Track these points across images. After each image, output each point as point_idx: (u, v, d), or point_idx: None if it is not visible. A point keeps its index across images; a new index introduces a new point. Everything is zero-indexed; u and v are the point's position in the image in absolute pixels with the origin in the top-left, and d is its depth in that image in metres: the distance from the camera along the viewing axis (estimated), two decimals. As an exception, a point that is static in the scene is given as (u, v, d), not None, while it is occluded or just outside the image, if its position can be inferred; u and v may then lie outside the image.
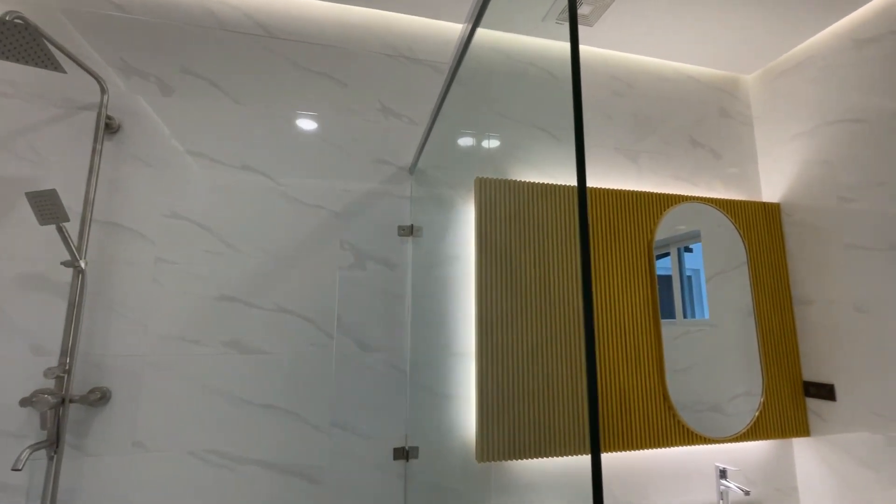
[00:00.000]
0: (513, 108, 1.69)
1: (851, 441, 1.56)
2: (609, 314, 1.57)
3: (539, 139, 1.70)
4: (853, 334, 1.57)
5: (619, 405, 1.52)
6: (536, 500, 1.45)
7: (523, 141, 1.68)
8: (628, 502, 1.53)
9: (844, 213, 1.61)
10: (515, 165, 1.66)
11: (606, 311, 1.57)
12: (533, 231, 1.54)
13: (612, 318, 1.57)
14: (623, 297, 1.60)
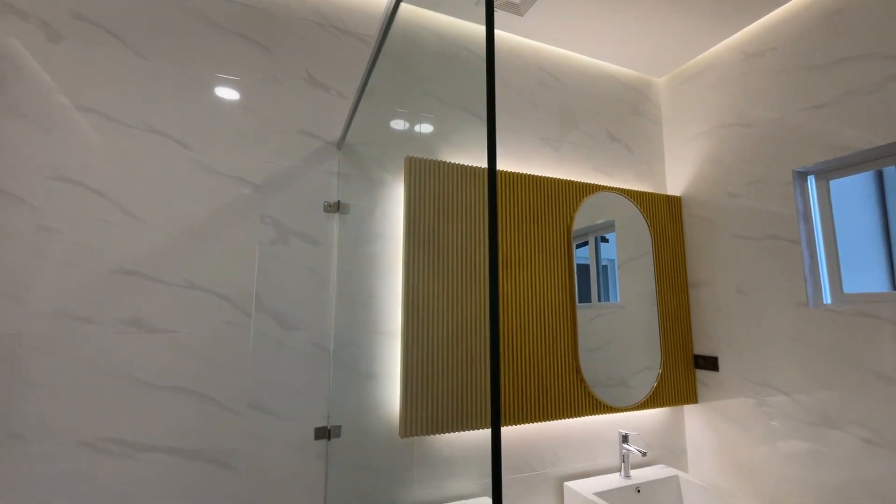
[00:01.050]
0: (445, 89, 1.70)
1: (729, 406, 1.79)
2: (530, 296, 1.65)
3: (469, 122, 1.72)
4: (734, 313, 1.79)
5: (536, 381, 1.61)
6: (456, 471, 1.50)
7: (454, 123, 1.70)
8: (542, 468, 1.63)
9: (731, 207, 1.82)
10: (445, 147, 1.67)
11: (528, 294, 1.64)
12: (461, 212, 1.57)
13: (534, 301, 1.65)
14: (544, 280, 1.69)
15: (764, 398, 1.66)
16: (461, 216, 1.57)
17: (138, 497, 1.15)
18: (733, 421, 1.77)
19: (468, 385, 1.48)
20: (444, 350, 1.46)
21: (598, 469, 1.74)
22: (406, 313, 1.43)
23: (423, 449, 1.47)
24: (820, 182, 1.60)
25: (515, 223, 1.67)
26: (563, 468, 1.67)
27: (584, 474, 1.71)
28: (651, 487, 1.66)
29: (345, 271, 1.45)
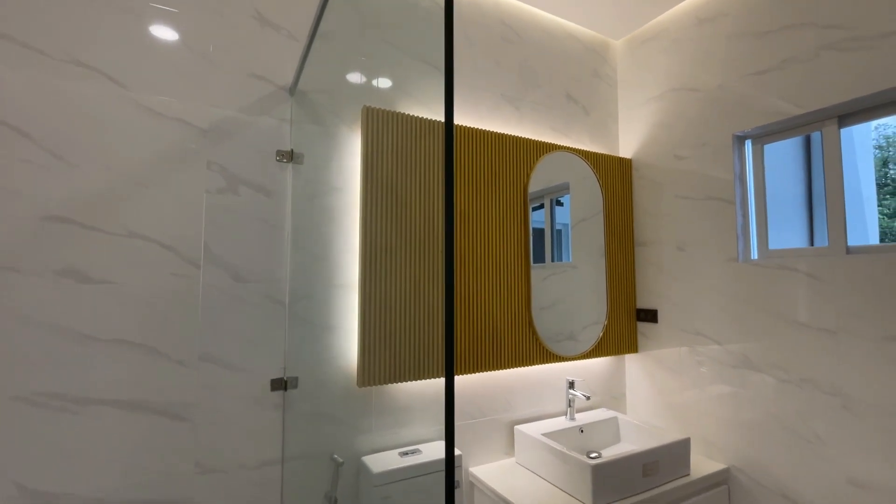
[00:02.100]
0: (405, 39, 1.64)
1: (664, 354, 1.94)
2: (487, 252, 1.68)
3: (429, 75, 1.68)
4: (674, 269, 1.92)
5: (491, 333, 1.67)
6: (414, 418, 1.56)
7: (413, 75, 1.65)
8: (495, 414, 1.72)
9: (677, 170, 1.92)
10: (404, 99, 1.63)
11: (484, 249, 1.68)
12: (420, 167, 1.56)
13: (490, 256, 1.69)
14: (501, 236, 1.72)
15: (695, 346, 1.81)
16: (420, 170, 1.55)
17: (87, 452, 1.12)
18: (668, 368, 1.93)
19: (425, 336, 1.52)
20: (402, 302, 1.48)
21: (546, 414, 1.86)
22: (364, 267, 1.43)
23: (381, 398, 1.50)
24: (756, 146, 1.71)
25: (474, 179, 1.68)
26: (514, 413, 1.78)
27: (534, 418, 1.82)
28: (593, 428, 1.80)
29: (300, 223, 1.41)
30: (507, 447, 1.75)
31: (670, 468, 1.54)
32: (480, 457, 1.69)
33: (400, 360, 1.47)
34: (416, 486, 1.38)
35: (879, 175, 2.20)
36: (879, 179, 2.20)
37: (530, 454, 1.63)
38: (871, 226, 2.02)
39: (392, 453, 1.46)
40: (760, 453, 1.59)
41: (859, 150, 2.14)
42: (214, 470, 1.25)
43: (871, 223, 2.08)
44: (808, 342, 1.47)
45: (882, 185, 2.22)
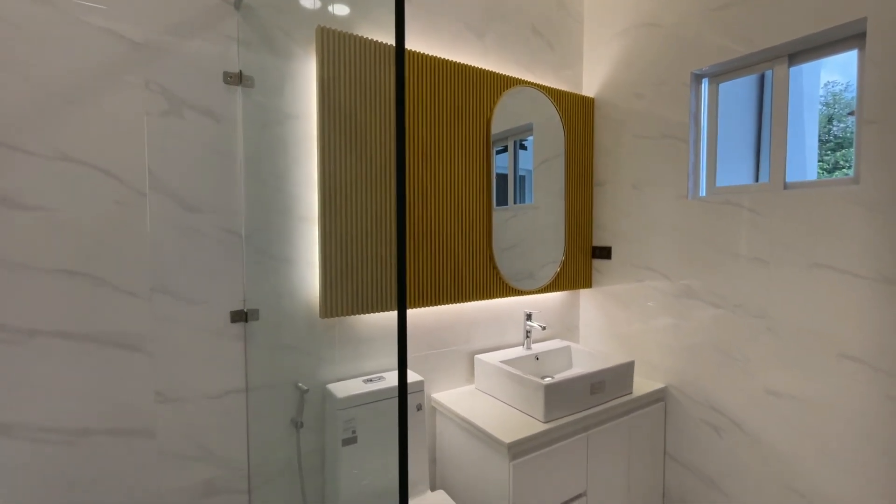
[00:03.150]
0: (361, -47, 1.51)
1: (616, 289, 2.06)
2: (450, 186, 1.68)
3: (388, -4, 1.58)
4: (628, 207, 1.99)
5: (453, 267, 1.70)
6: (377, 349, 1.60)
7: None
8: (457, 345, 1.80)
9: (636, 109, 1.94)
10: (362, 22, 1.54)
11: (447, 183, 1.67)
12: (379, 94, 1.50)
13: (453, 190, 1.68)
14: (463, 169, 1.72)
15: (645, 281, 1.93)
16: (381, 98, 1.50)
17: (39, 383, 1.09)
18: (619, 302, 2.05)
19: (388, 269, 1.53)
20: (363, 235, 1.47)
21: (505, 344, 1.95)
22: (323, 198, 1.40)
23: (345, 329, 1.53)
24: (712, 84, 1.75)
25: (435, 111, 1.64)
26: (475, 344, 1.86)
27: (494, 349, 1.91)
28: (548, 356, 1.92)
29: (254, 153, 1.34)
30: (467, 375, 1.84)
31: (615, 387, 1.68)
32: (442, 384, 1.77)
33: (362, 292, 1.49)
34: (380, 409, 1.44)
35: (823, 131, 2.32)
36: (823, 136, 2.33)
37: (489, 380, 1.72)
38: (810, 165, 2.15)
39: (356, 381, 1.51)
40: (694, 373, 1.76)
41: (807, 101, 2.24)
42: (176, 399, 1.26)
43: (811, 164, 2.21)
44: (744, 272, 1.60)
45: (825, 142, 2.35)
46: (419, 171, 1.60)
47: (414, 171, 1.59)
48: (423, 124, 1.61)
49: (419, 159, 1.60)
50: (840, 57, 1.46)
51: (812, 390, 1.44)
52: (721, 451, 1.68)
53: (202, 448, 1.30)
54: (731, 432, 1.65)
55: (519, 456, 1.39)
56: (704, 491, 1.74)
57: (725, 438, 1.67)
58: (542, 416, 1.48)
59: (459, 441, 1.59)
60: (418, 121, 1.60)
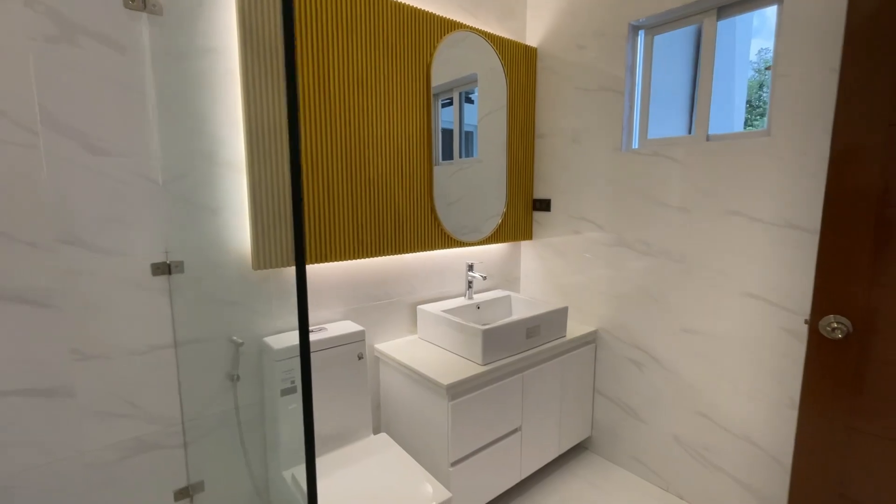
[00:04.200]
0: None
1: (555, 240, 2.14)
2: (387, 133, 1.62)
3: (317, -80, 1.44)
4: (567, 159, 2.04)
5: (394, 218, 1.68)
6: (317, 300, 1.58)
7: (297, -83, 1.40)
8: (399, 297, 1.81)
9: (578, 60, 1.95)
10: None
11: (384, 130, 1.62)
12: (309, 24, 1.39)
13: (391, 137, 1.64)
14: (402, 115, 1.66)
15: (582, 232, 2.01)
16: (311, 28, 1.40)
17: (-80, 343, 0.98)
18: (558, 252, 2.13)
19: (325, 217, 1.49)
20: (297, 184, 1.41)
21: (448, 295, 1.99)
22: (250, 143, 1.31)
23: (282, 281, 1.49)
24: (648, 37, 1.78)
25: (370, 50, 1.55)
26: (418, 296, 1.88)
27: (436, 300, 1.95)
28: (488, 305, 1.99)
29: (168, 90, 1.22)
30: (411, 325, 1.87)
31: (550, 331, 1.78)
32: (386, 334, 1.79)
33: (298, 243, 1.44)
34: (320, 359, 1.44)
35: (754, 97, 2.44)
36: (753, 101, 2.45)
37: (431, 329, 1.76)
38: (738, 124, 2.27)
39: (295, 332, 1.49)
40: (622, 316, 1.89)
41: (739, 62, 2.33)
42: (97, 356, 1.18)
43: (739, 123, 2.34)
44: (669, 220, 1.70)
45: (755, 107, 2.48)
46: (358, 118, 1.54)
47: (352, 118, 1.52)
48: (358, 62, 1.53)
49: (357, 104, 1.53)
50: (773, 24, 1.52)
51: (720, 326, 1.59)
52: (642, 384, 1.85)
53: (130, 405, 1.25)
54: (652, 367, 1.81)
55: (457, 396, 1.45)
56: (627, 419, 1.92)
57: (646, 373, 1.83)
58: (480, 359, 1.55)
59: (403, 387, 1.64)
60: (352, 58, 1.51)
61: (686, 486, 1.75)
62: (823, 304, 1.17)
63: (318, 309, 1.59)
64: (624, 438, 1.94)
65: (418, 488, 1.26)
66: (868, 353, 1.13)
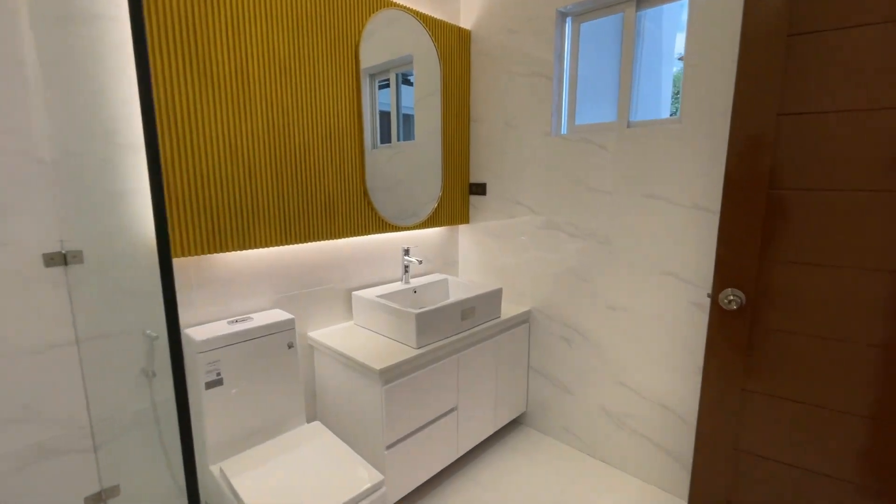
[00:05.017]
0: None
1: (491, 224, 2.17)
2: (313, 112, 1.56)
3: None
4: (502, 144, 2.07)
5: (324, 202, 1.63)
6: (244, 290, 1.51)
7: None
8: (332, 283, 1.77)
9: (510, 45, 1.96)
10: None
11: (310, 109, 1.55)
12: (223, 5, 1.30)
13: (318, 118, 1.57)
14: (330, 100, 1.60)
15: (516, 216, 2.05)
16: (224, 7, 1.30)
17: None
18: (494, 236, 2.17)
19: (249, 201, 1.42)
20: (215, 164, 1.33)
21: (384, 280, 1.98)
22: (160, 121, 1.21)
23: (202, 269, 1.41)
24: (575, 23, 1.83)
25: (291, 29, 1.47)
26: (353, 282, 1.85)
27: (373, 285, 1.93)
28: (426, 289, 2.00)
29: (53, 57, 1.09)
30: (346, 312, 1.84)
31: (485, 312, 1.82)
32: (320, 322, 1.75)
33: (219, 228, 1.36)
34: (247, 349, 1.39)
35: (680, 87, 2.58)
36: (680, 90, 2.58)
37: (367, 315, 1.75)
38: (665, 113, 2.39)
39: (220, 323, 1.43)
40: (554, 296, 1.97)
41: (666, 53, 2.44)
42: (-20, 358, 1.06)
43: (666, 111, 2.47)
44: (595, 203, 1.78)
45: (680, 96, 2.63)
46: (280, 99, 1.46)
47: (274, 99, 1.44)
48: (282, 45, 1.45)
49: (279, 85, 1.45)
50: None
51: (639, 303, 1.71)
52: (572, 359, 1.95)
53: (27, 409, 1.14)
54: (580, 343, 1.91)
55: (391, 380, 1.46)
56: (558, 393, 2.02)
57: (575, 349, 1.93)
58: (414, 343, 1.55)
59: (337, 374, 1.62)
60: (275, 40, 1.43)
61: (610, 451, 1.88)
62: (722, 279, 1.28)
63: (243, 298, 1.52)
64: (556, 411, 2.05)
65: (351, 473, 1.26)
66: (758, 322, 1.26)
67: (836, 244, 1.13)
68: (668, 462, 1.71)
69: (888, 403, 1.12)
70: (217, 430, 1.35)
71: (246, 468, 1.30)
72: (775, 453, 1.29)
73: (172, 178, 1.25)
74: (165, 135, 1.23)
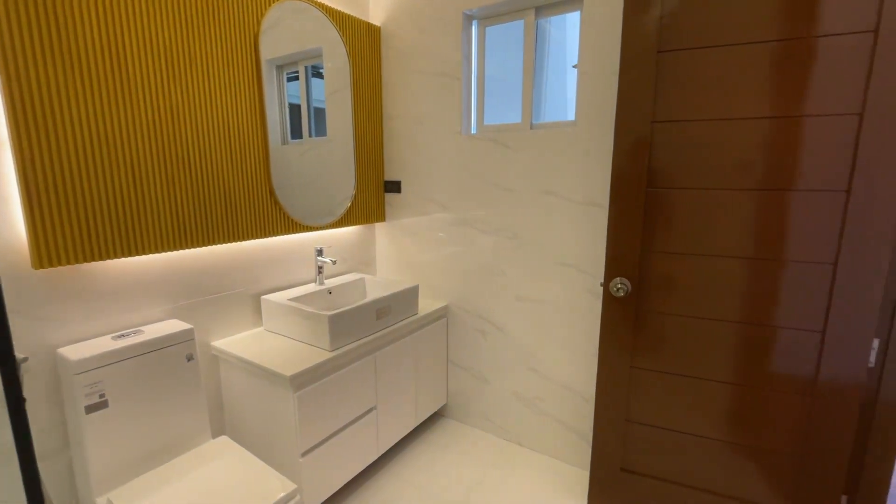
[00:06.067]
0: None
1: (406, 221, 2.19)
2: (209, 107, 1.46)
3: None
4: (415, 142, 2.08)
5: (224, 204, 1.53)
6: (131, 300, 1.37)
7: None
8: (238, 287, 1.67)
9: (419, 43, 1.98)
10: None
11: (205, 105, 1.45)
12: (89, -21, 1.16)
13: (214, 113, 1.47)
14: (227, 93, 1.50)
15: (431, 214, 2.09)
16: (91, -14, 1.16)
17: None
18: (411, 234, 2.19)
19: (132, 203, 1.29)
20: (87, 161, 1.19)
21: (297, 282, 1.91)
22: (14, 112, 1.06)
23: (78, 280, 1.25)
24: (481, 26, 1.89)
25: (179, 16, 1.36)
26: (262, 285, 1.76)
27: (285, 288, 1.85)
28: (342, 289, 1.96)
29: None
30: (255, 318, 1.75)
31: (401, 310, 1.83)
32: (225, 330, 1.65)
33: (97, 233, 1.22)
34: (137, 365, 1.27)
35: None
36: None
37: (278, 320, 1.67)
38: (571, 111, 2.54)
39: (103, 339, 1.28)
40: (469, 290, 2.04)
41: (570, 58, 2.60)
42: None
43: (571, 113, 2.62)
44: (503, 200, 1.87)
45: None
46: (167, 92, 1.34)
47: (159, 92, 1.32)
48: (169, 33, 1.32)
49: (166, 75, 1.33)
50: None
51: (543, 293, 1.83)
52: (487, 350, 2.03)
53: None
54: (494, 334, 2.00)
55: (304, 386, 1.42)
56: (476, 383, 2.10)
57: (489, 340, 2.02)
58: (328, 345, 1.52)
59: (246, 384, 1.54)
60: (160, 28, 1.31)
61: (523, 433, 2.00)
62: (612, 269, 1.42)
63: (133, 310, 1.38)
64: (474, 401, 2.13)
65: (262, 486, 1.21)
66: (642, 307, 1.41)
67: (701, 236, 1.30)
68: (572, 438, 1.86)
69: (747, 371, 1.32)
70: (103, 457, 1.22)
71: (140, 495, 1.19)
72: (660, 421, 1.46)
73: (32, 176, 1.10)
74: (21, 126, 1.07)
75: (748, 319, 1.29)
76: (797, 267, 1.21)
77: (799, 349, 1.25)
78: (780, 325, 1.26)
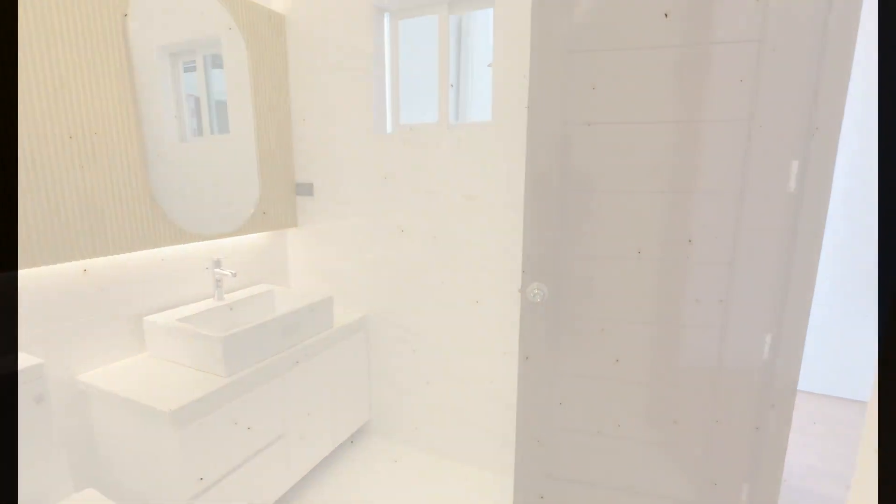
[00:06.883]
0: None
1: (320, 226, 2.02)
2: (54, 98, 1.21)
3: None
4: (327, 141, 1.93)
5: (85, 213, 1.29)
6: None
7: None
8: (116, 308, 1.43)
9: (329, 36, 1.83)
10: None
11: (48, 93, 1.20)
12: None
13: (62, 105, 1.23)
14: (82, 80, 1.26)
15: (346, 218, 1.94)
16: None
17: None
18: (325, 240, 2.03)
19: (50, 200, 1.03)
20: None
21: (192, 299, 1.68)
22: None
23: None
24: (393, 20, 1.78)
25: None
26: (146, 304, 1.52)
27: (176, 305, 1.62)
28: (245, 304, 1.76)
29: None
30: (138, 342, 1.51)
31: (313, 325, 1.68)
32: (96, 360, 1.40)
33: None
34: (-40, 417, 1.01)
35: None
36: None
37: (164, 343, 1.45)
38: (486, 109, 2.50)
39: None
40: (388, 298, 1.93)
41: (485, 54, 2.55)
42: None
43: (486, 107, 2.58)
44: (421, 204, 1.77)
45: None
46: None
47: (-16, 70, 1.07)
48: (-7, -2, 1.07)
49: None
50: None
51: (465, 298, 1.76)
52: (409, 360, 1.93)
53: None
54: (415, 343, 1.90)
55: (190, 422, 1.23)
56: (400, 396, 2.00)
57: (411, 350, 1.92)
58: (223, 371, 1.34)
59: (120, 424, 1.31)
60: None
61: (450, 445, 1.93)
62: (528, 275, 1.38)
63: (-41, 345, 1.11)
64: (398, 414, 2.02)
65: (132, 548, 1.02)
66: (559, 311, 1.39)
67: (611, 238, 1.30)
68: (496, 446, 1.82)
69: (655, 371, 1.34)
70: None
71: (-37, 580, 0.95)
72: (583, 425, 1.44)
73: None
74: None
75: (659, 320, 1.31)
76: (701, 268, 1.25)
77: (703, 346, 1.28)
78: (686, 323, 1.29)
